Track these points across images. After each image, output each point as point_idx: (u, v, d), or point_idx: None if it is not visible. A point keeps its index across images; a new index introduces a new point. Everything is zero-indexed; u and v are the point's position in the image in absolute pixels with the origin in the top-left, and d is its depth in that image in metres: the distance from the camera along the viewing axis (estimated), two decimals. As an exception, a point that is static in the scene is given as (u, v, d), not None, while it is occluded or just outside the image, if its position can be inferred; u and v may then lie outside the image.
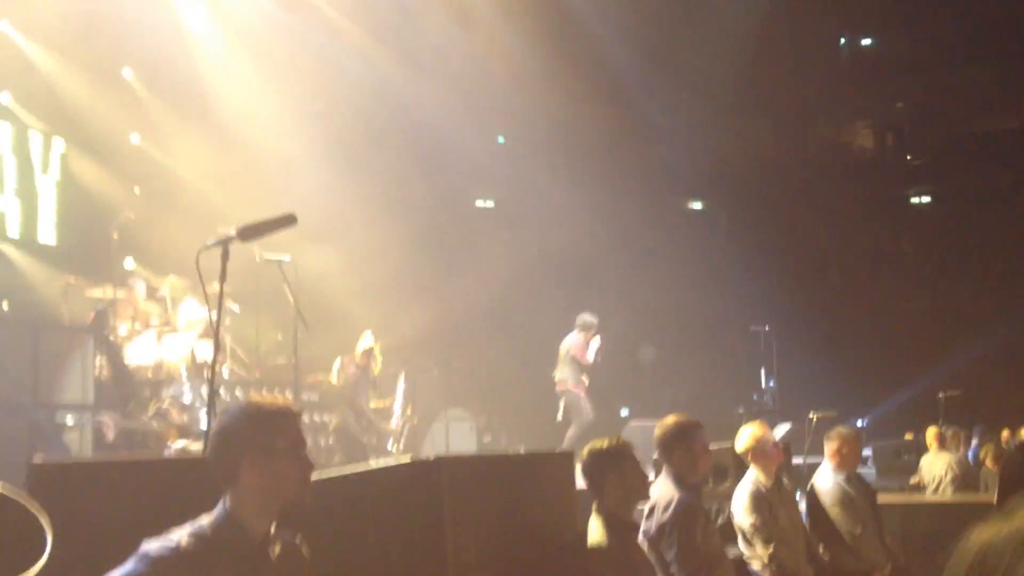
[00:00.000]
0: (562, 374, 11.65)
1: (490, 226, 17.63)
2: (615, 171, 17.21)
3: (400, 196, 15.21)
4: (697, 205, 19.81)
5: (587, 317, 11.69)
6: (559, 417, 11.50)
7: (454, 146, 15.71)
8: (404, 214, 14.96)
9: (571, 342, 11.66)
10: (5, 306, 10.15)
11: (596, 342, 11.59)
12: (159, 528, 2.77)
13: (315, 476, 3.01)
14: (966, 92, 19.32)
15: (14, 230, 11.76)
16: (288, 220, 4.92)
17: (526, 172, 17.68)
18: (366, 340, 10.42)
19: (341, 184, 14.05)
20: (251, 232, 4.89)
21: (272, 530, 2.88)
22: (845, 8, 18.46)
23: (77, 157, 12.47)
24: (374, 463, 4.95)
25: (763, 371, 12.28)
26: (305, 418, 10.00)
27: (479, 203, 18.41)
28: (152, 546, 2.66)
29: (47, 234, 12.18)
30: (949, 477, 10.61)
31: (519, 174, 17.68)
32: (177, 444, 8.85)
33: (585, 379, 11.51)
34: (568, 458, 4.94)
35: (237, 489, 2.80)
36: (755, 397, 12.57)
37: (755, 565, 5.89)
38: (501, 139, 19.00)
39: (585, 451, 4.56)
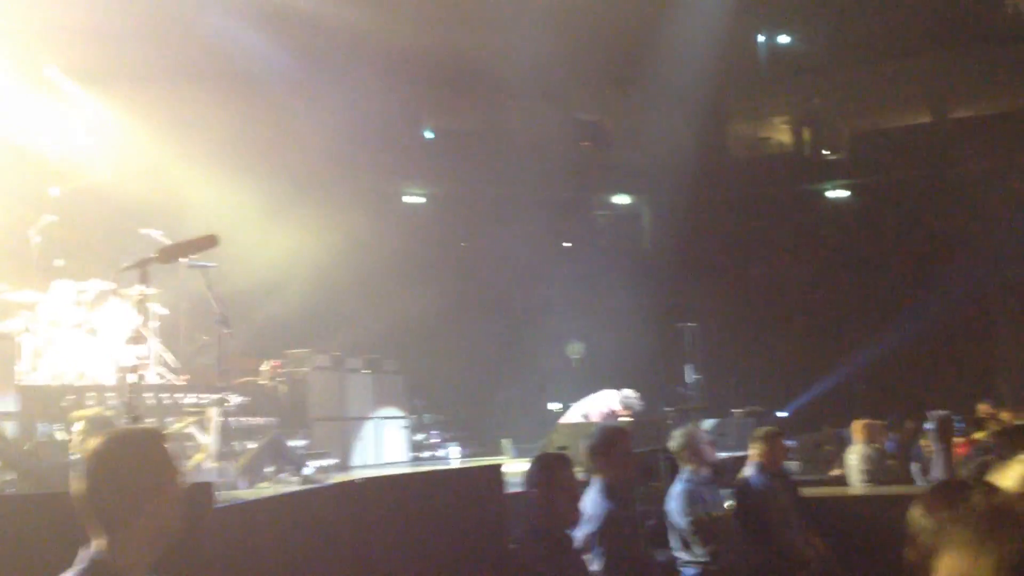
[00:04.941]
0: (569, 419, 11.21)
1: (421, 221, 17.65)
2: (541, 167, 17.34)
3: (325, 193, 15.12)
4: (622, 200, 20.05)
5: (636, 401, 11.23)
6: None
7: (380, 140, 15.65)
8: (330, 212, 14.87)
9: (597, 406, 11.23)
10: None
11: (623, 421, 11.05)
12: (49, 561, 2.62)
13: (235, 499, 2.94)
14: (881, 88, 19.84)
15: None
16: (209, 242, 4.94)
17: (454, 167, 17.71)
18: None
19: (265, 181, 13.95)
20: (171, 253, 4.91)
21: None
22: (762, 6, 18.82)
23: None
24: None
25: (688, 367, 12.51)
26: (233, 421, 9.94)
27: (407, 199, 18.38)
28: None
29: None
30: (860, 468, 10.94)
31: (448, 169, 17.71)
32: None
33: None
34: (496, 470, 5.00)
35: (122, 533, 2.54)
36: (680, 390, 12.78)
37: (689, 569, 6.03)
38: (429, 133, 18.99)
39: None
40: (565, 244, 18.76)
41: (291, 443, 9.87)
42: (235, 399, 10.37)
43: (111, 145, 13.21)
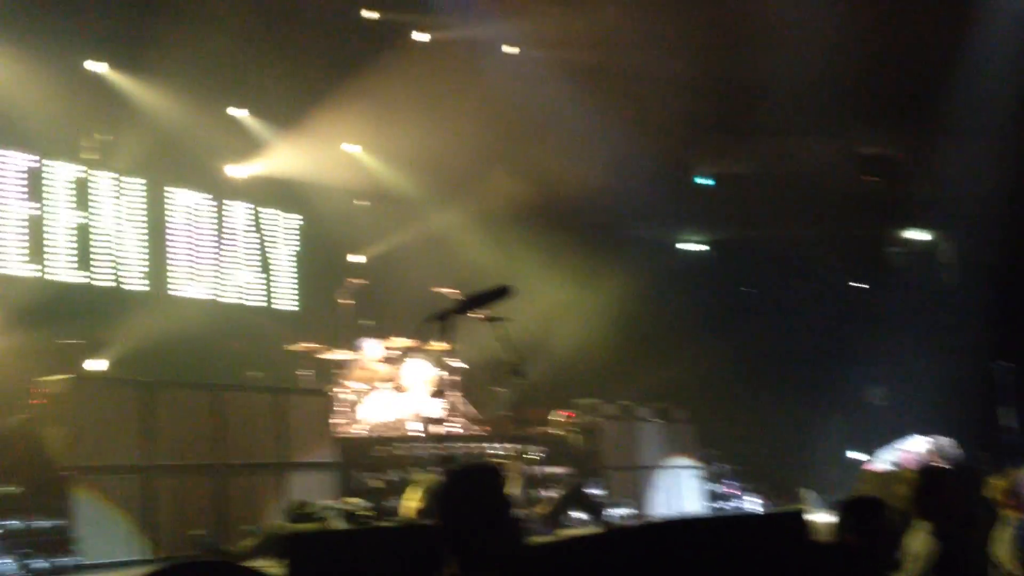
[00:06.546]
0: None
1: (702, 269, 17.49)
2: (825, 206, 16.73)
3: (602, 243, 15.28)
4: (920, 236, 18.91)
5: (949, 448, 10.91)
6: None
7: (654, 187, 15.60)
8: (608, 262, 14.91)
9: (907, 454, 10.90)
10: (258, 374, 10.90)
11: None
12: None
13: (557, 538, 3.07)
14: None
15: (259, 300, 12.77)
16: (503, 292, 5.47)
17: (733, 211, 17.44)
18: None
19: (545, 235, 14.31)
20: (468, 306, 5.49)
21: None
22: None
23: (313, 230, 13.40)
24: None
25: (1003, 409, 11.51)
26: (526, 468, 10.19)
27: (685, 246, 18.25)
28: None
29: (288, 302, 13.10)
30: None
31: (726, 214, 17.47)
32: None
33: None
34: (797, 517, 4.83)
35: (470, 557, 2.81)
36: (996, 434, 11.81)
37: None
38: (705, 179, 18.78)
39: None
40: (858, 284, 17.91)
41: (589, 491, 10.04)
42: (534, 449, 10.71)
43: (402, 214, 14.10)
